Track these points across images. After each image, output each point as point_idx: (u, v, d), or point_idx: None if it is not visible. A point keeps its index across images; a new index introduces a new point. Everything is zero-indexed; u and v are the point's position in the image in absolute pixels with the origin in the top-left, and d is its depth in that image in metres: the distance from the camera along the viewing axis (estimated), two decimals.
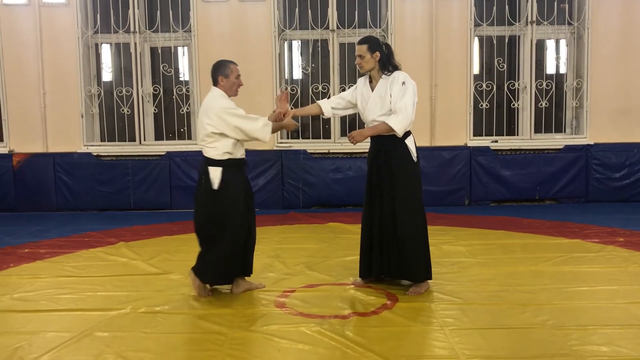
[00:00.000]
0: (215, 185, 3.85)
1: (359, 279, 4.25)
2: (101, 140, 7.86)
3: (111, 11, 7.57)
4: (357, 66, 4.09)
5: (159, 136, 7.89)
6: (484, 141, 7.64)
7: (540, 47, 7.76)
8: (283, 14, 7.61)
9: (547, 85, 7.64)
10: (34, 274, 4.61)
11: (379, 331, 3.34)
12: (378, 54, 3.99)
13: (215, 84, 3.98)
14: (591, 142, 7.54)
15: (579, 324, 3.39)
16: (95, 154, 7.61)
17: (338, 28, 7.54)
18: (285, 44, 7.85)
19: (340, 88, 7.50)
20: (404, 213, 3.94)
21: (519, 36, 7.69)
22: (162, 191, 7.59)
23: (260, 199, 7.54)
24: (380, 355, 3.00)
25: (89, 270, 4.74)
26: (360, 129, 4.04)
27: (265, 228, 6.25)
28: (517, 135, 7.79)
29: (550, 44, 7.93)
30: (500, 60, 7.62)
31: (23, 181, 7.57)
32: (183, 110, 7.74)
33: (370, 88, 4.06)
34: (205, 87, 7.52)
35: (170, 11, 7.57)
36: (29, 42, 7.51)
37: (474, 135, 7.68)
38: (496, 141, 7.63)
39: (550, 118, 7.73)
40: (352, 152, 7.49)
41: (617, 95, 7.56)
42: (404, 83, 3.94)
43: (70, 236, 6.03)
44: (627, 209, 7.06)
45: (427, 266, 4.05)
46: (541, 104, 7.64)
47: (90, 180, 7.57)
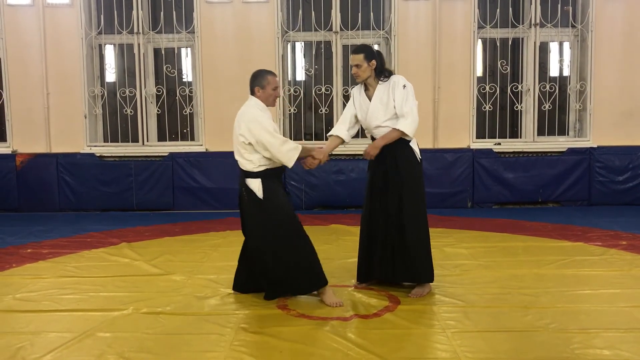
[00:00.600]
0: (260, 195, 3.83)
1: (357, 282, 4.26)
2: (104, 141, 7.87)
3: (115, 12, 7.59)
4: (354, 76, 4.04)
5: (161, 137, 7.90)
6: (487, 143, 7.63)
7: (543, 50, 7.76)
8: (286, 15, 7.62)
9: (551, 88, 7.63)
10: (37, 274, 4.62)
11: (380, 333, 3.34)
12: (374, 62, 3.98)
13: (252, 93, 3.93)
14: (594, 145, 7.53)
15: (581, 327, 3.38)
16: (98, 155, 7.62)
17: (341, 30, 7.54)
18: (289, 46, 7.86)
19: (343, 90, 7.51)
20: (411, 215, 3.96)
21: (523, 38, 7.68)
22: (165, 192, 7.59)
23: None
24: (381, 357, 3.00)
25: (91, 270, 4.74)
26: (372, 143, 3.99)
27: None
28: (520, 137, 7.78)
29: (553, 47, 7.92)
30: (503, 62, 7.61)
31: (26, 181, 7.59)
32: (186, 111, 7.75)
33: (367, 96, 4.05)
34: (209, 88, 7.58)
35: (174, 12, 7.58)
36: (32, 43, 7.53)
37: (477, 138, 7.67)
38: (499, 144, 7.62)
39: (553, 121, 7.72)
40: (355, 154, 7.49)
41: (621, 98, 7.55)
42: (404, 86, 3.95)
43: (72, 236, 6.04)
44: (630, 212, 7.05)
45: (431, 268, 4.07)
46: (544, 107, 7.64)
47: (93, 181, 7.58)
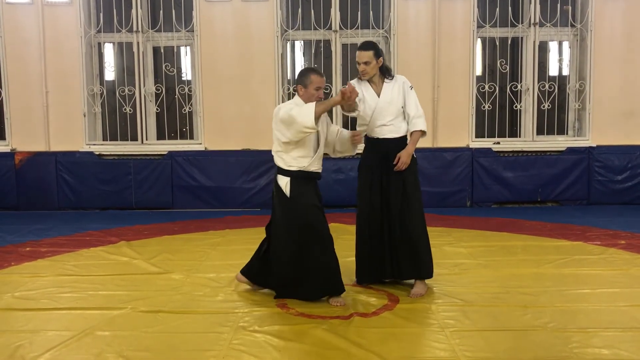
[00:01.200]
0: (287, 193, 3.78)
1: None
2: (103, 140, 7.87)
3: (114, 10, 7.57)
4: (361, 73, 4.03)
5: (161, 136, 7.89)
6: (486, 143, 7.63)
7: (543, 49, 7.76)
8: (286, 14, 7.61)
9: (550, 87, 7.63)
10: (35, 272, 4.62)
11: (379, 332, 3.34)
12: (382, 59, 4.03)
13: (296, 91, 3.90)
14: (593, 145, 7.53)
15: (580, 326, 3.38)
16: (97, 153, 7.61)
17: (341, 29, 7.53)
18: (288, 44, 7.85)
19: (342, 88, 7.49)
20: (414, 210, 4.02)
21: (522, 38, 7.68)
22: (164, 191, 7.59)
23: (261, 200, 7.55)
24: (380, 356, 3.00)
25: (90, 269, 4.74)
26: (405, 151, 3.99)
27: None
28: (520, 137, 7.78)
29: (553, 46, 7.92)
30: (503, 61, 7.61)
31: (25, 180, 7.58)
32: (185, 110, 7.75)
33: (375, 92, 4.06)
34: (208, 87, 7.57)
35: (173, 11, 7.57)
36: (31, 41, 7.52)
37: (476, 137, 7.67)
38: (498, 143, 7.62)
39: (552, 120, 7.73)
40: (354, 153, 7.46)
41: (620, 98, 7.55)
42: (411, 87, 4.07)
43: (71, 235, 6.03)
44: (629, 211, 7.05)
45: (432, 263, 4.12)
46: (544, 106, 7.64)
47: (92, 179, 7.58)
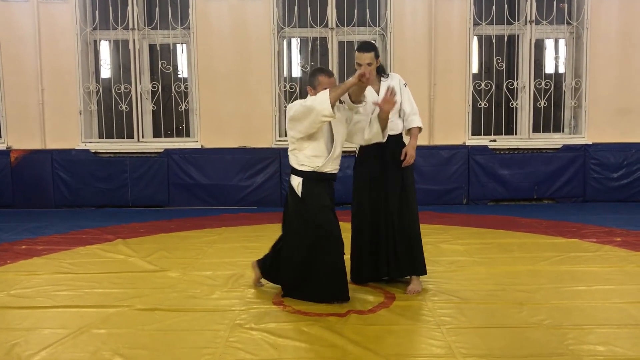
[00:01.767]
0: (299, 193, 3.74)
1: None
2: (99, 137, 7.85)
3: (110, 8, 7.55)
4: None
5: (157, 133, 7.88)
6: (483, 140, 7.64)
7: (539, 47, 7.76)
8: (282, 11, 7.60)
9: (546, 85, 7.64)
10: (31, 270, 4.60)
11: (376, 329, 3.34)
12: (379, 59, 4.03)
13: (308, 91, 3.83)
14: (589, 142, 7.55)
15: (576, 323, 3.39)
16: (93, 151, 7.60)
17: (337, 26, 7.53)
18: (285, 42, 7.85)
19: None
20: (411, 208, 4.05)
21: (518, 35, 7.69)
22: (160, 188, 7.58)
23: (258, 197, 7.55)
24: (377, 353, 3.00)
25: (86, 267, 4.73)
26: (410, 147, 4.01)
27: (263, 226, 6.26)
28: (516, 134, 7.80)
29: (549, 44, 7.93)
30: (499, 59, 7.62)
31: (21, 177, 7.56)
32: (181, 108, 7.74)
33: (375, 91, 4.07)
34: (204, 85, 7.56)
35: (169, 8, 7.56)
36: (27, 38, 7.50)
37: (473, 135, 7.68)
38: (494, 140, 7.63)
39: (548, 117, 7.74)
40: (351, 150, 7.46)
41: (616, 95, 7.57)
42: (405, 85, 4.09)
43: (67, 233, 6.02)
44: (625, 208, 7.07)
45: (424, 260, 4.13)
46: (540, 104, 7.65)
47: (88, 177, 7.56)
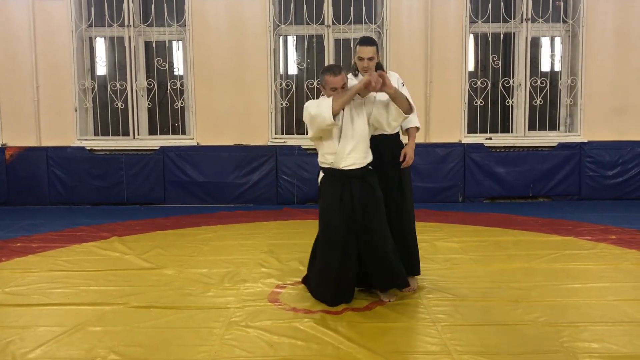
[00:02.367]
0: (319, 184, 3.86)
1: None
2: (95, 135, 7.82)
3: (105, 4, 7.52)
4: (364, 69, 3.91)
5: (152, 131, 7.85)
6: (478, 138, 7.64)
7: (535, 45, 7.77)
8: (278, 9, 7.58)
9: (542, 83, 7.65)
10: (26, 268, 4.60)
11: (371, 327, 3.35)
12: (379, 55, 4.01)
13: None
14: (585, 140, 7.56)
15: (571, 321, 3.41)
16: (88, 148, 7.58)
17: (333, 24, 7.52)
18: (281, 39, 7.83)
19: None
20: (408, 208, 4.02)
21: (514, 33, 7.70)
22: (156, 186, 7.56)
23: (254, 195, 7.54)
24: (372, 350, 3.01)
25: (82, 264, 4.72)
26: (409, 148, 4.02)
27: (259, 224, 6.27)
28: (511, 132, 7.80)
29: (545, 42, 7.94)
30: (495, 57, 7.63)
31: (16, 175, 7.53)
32: (177, 105, 7.72)
33: None
34: (200, 82, 7.54)
35: (165, 5, 7.53)
36: (22, 35, 7.46)
37: (469, 132, 7.68)
38: (490, 138, 7.64)
39: (544, 116, 7.75)
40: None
41: (611, 94, 7.58)
42: (403, 84, 4.03)
43: (63, 230, 6.01)
44: (620, 206, 7.09)
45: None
46: (535, 102, 7.66)
47: (84, 175, 7.53)
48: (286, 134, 7.79)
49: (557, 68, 7.88)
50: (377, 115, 3.74)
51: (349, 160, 3.72)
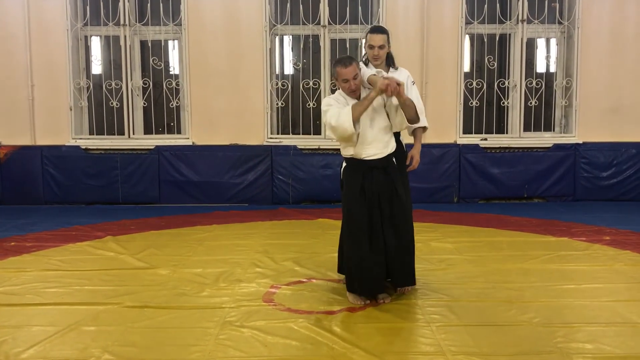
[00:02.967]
0: (341, 175, 3.88)
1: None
2: (90, 134, 7.80)
3: (101, 3, 7.50)
4: (373, 58, 3.90)
5: (148, 130, 7.84)
6: (474, 139, 7.66)
7: (530, 46, 7.79)
8: (274, 8, 7.58)
9: (537, 84, 7.67)
10: (20, 267, 4.58)
11: (366, 327, 3.35)
12: (390, 46, 3.98)
13: None
14: (580, 141, 7.59)
15: (565, 321, 3.42)
16: (83, 147, 7.55)
17: (329, 24, 7.52)
18: (277, 39, 7.83)
19: (330, 84, 7.49)
20: (409, 211, 3.93)
21: (510, 34, 7.72)
22: (151, 185, 7.55)
23: (249, 194, 7.54)
24: (366, 351, 3.01)
25: (76, 264, 4.71)
26: (416, 150, 3.99)
27: (254, 223, 6.26)
28: (507, 133, 7.82)
29: (540, 43, 7.96)
30: (490, 58, 7.65)
31: (10, 174, 7.51)
32: (173, 104, 7.70)
33: None
34: (195, 81, 7.53)
35: (161, 4, 7.51)
36: (17, 34, 7.43)
37: (464, 133, 7.70)
38: (485, 139, 7.66)
39: (539, 116, 7.77)
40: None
41: (606, 95, 7.61)
42: (413, 83, 4.00)
43: (57, 230, 5.99)
44: (614, 207, 7.11)
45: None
46: (531, 103, 7.68)
47: (79, 174, 7.52)
48: (282, 134, 7.79)
49: (553, 69, 7.90)
50: (388, 111, 3.78)
51: (371, 151, 3.72)
